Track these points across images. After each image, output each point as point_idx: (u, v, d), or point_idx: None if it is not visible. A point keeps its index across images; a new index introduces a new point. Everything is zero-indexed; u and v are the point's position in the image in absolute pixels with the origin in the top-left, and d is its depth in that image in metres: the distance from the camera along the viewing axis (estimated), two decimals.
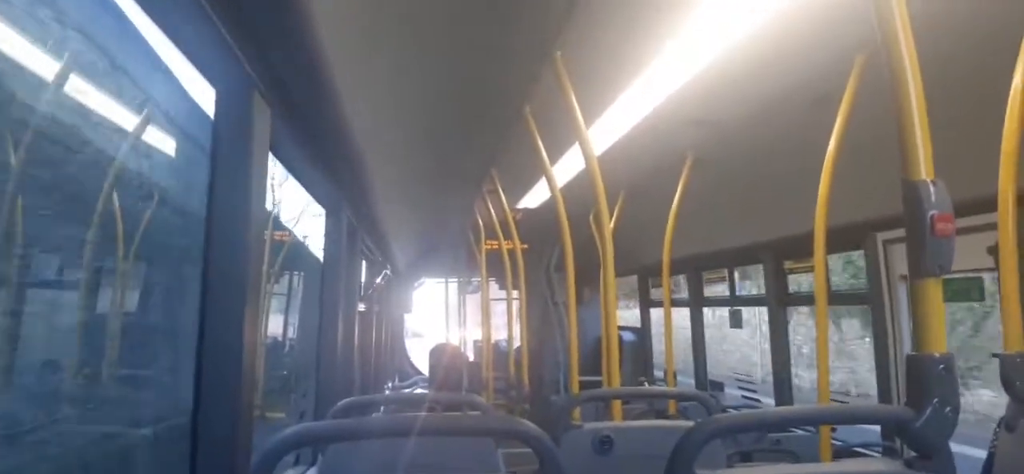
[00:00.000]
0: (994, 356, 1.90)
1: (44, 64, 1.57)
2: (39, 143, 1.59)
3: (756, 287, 6.06)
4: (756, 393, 5.61)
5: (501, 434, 2.09)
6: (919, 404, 1.14)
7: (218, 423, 1.43)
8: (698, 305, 5.47)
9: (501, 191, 4.16)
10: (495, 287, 6.94)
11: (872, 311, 3.34)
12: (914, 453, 1.16)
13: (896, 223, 2.96)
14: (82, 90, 1.77)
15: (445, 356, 6.81)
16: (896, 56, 1.18)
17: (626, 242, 4.71)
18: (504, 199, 4.23)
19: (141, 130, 2.09)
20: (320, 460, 2.23)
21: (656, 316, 6.45)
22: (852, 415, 1.43)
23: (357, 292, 4.86)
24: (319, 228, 3.48)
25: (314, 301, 3.41)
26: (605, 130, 3.06)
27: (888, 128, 1.22)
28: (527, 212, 5.27)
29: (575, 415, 2.39)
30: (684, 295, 5.71)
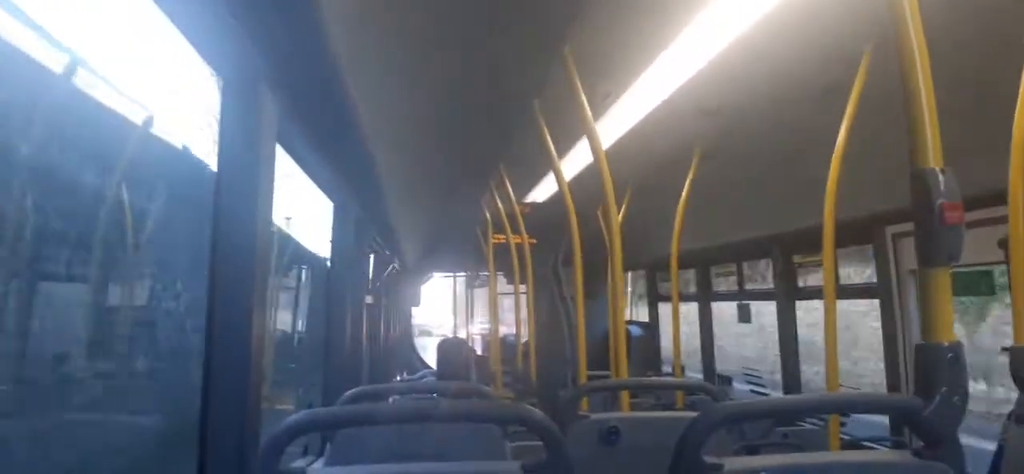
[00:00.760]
0: (1004, 350, 1.89)
1: None
2: None
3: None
4: (765, 388, 5.59)
5: (509, 420, 2.09)
6: (928, 393, 1.13)
7: (227, 410, 1.44)
8: (706, 299, 5.45)
9: (509, 185, 4.16)
10: (503, 281, 6.95)
11: (881, 305, 3.33)
12: (922, 443, 1.15)
13: (905, 217, 2.95)
14: None
15: (453, 350, 6.81)
16: (905, 46, 1.18)
17: (634, 236, 4.70)
18: (512, 193, 4.22)
19: None
20: (328, 449, 2.23)
21: (665, 312, 6.43)
22: (860, 404, 1.43)
23: (365, 285, 4.86)
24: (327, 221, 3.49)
25: (322, 295, 3.42)
26: (613, 123, 3.06)
27: (897, 121, 1.21)
28: (535, 206, 5.27)
29: (583, 406, 2.39)
30: (693, 290, 5.70)
